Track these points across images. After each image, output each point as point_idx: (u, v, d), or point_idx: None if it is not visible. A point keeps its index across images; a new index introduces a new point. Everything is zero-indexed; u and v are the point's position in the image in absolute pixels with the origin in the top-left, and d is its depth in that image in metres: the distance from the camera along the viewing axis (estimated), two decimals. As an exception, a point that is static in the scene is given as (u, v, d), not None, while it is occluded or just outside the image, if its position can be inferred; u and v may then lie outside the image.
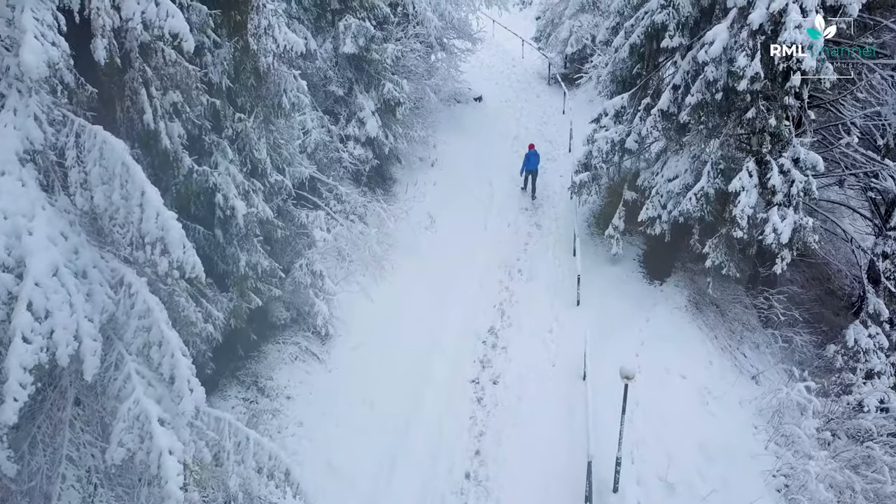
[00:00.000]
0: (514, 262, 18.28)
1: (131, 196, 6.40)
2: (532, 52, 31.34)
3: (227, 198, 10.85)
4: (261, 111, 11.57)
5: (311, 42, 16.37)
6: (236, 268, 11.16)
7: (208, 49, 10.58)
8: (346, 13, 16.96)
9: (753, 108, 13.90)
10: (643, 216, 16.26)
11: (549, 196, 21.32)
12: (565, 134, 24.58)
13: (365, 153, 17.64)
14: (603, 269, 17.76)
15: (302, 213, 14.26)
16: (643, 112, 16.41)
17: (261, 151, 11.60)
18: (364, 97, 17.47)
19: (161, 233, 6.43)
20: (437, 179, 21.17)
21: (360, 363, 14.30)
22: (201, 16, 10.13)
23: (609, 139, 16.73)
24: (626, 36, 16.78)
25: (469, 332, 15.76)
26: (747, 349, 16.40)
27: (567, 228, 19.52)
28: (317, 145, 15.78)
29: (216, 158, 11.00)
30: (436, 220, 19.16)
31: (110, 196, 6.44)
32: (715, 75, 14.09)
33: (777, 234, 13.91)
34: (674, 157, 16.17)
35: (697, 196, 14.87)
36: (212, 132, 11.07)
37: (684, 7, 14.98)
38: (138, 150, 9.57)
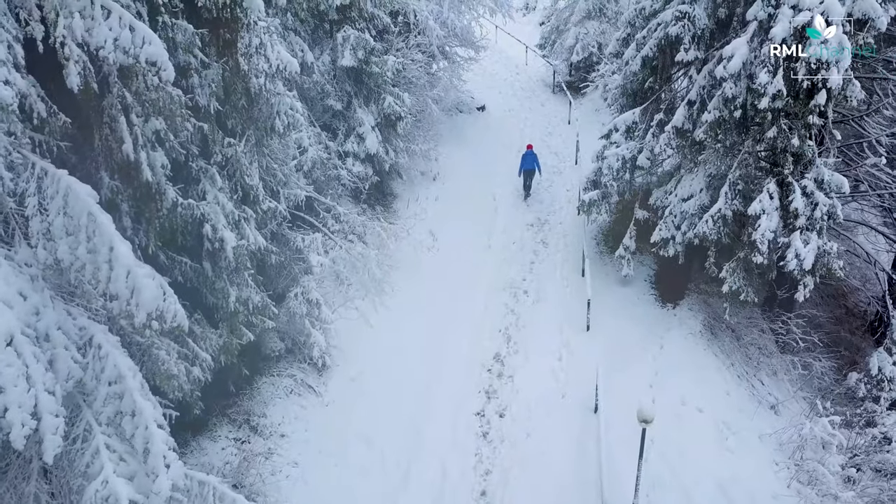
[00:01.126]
0: (520, 282, 17.52)
1: (98, 251, 5.66)
2: (536, 58, 30.59)
3: (215, 229, 10.11)
4: (253, 134, 10.82)
5: (307, 54, 15.65)
6: (225, 303, 10.41)
7: (195, 70, 9.83)
8: (344, 24, 16.21)
9: (775, 127, 13.14)
10: (656, 237, 15.50)
11: (555, 211, 20.56)
12: (571, 145, 23.83)
13: (364, 170, 16.89)
14: (613, 290, 17.00)
15: (297, 237, 13.51)
16: (656, 128, 15.66)
17: (252, 177, 10.85)
18: (363, 111, 16.72)
19: (132, 294, 5.67)
20: (440, 194, 20.41)
21: (359, 395, 13.56)
22: (187, 35, 9.38)
23: (620, 156, 15.98)
24: (637, 48, 16.01)
25: (473, 360, 15.03)
26: (765, 376, 15.65)
27: (575, 246, 18.78)
28: (314, 163, 15.03)
29: (204, 186, 10.25)
30: (438, 238, 18.42)
31: (76, 250, 5.68)
32: (734, 92, 13.33)
33: (800, 260, 13.15)
34: (688, 175, 15.41)
35: (714, 218, 14.11)
36: (199, 158, 10.32)
37: (700, 19, 14.22)
38: (117, 182, 8.84)
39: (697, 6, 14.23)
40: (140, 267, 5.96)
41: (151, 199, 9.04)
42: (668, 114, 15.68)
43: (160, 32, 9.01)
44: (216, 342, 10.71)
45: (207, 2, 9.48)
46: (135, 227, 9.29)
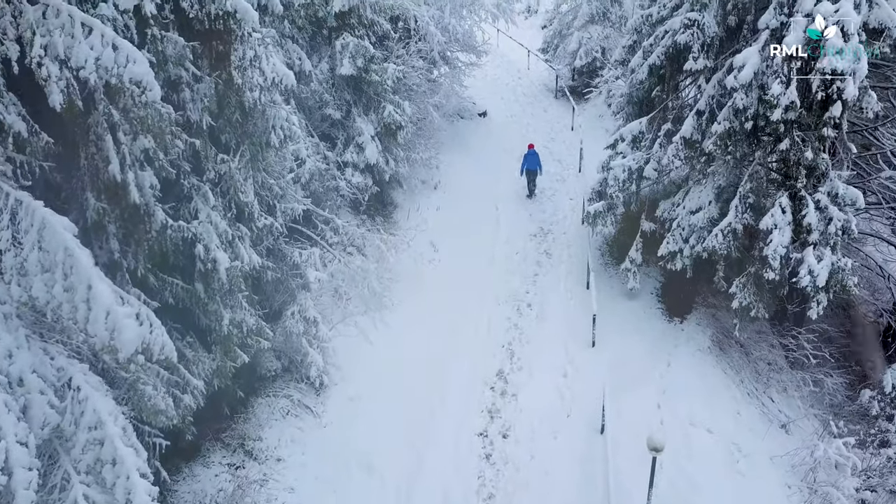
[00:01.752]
0: (524, 295, 17.10)
1: (76, 289, 5.25)
2: (538, 62, 30.15)
3: (208, 249, 9.70)
4: (247, 149, 10.40)
5: (305, 63, 15.24)
6: (219, 326, 9.99)
7: (186, 84, 9.42)
8: (343, 31, 15.79)
9: (787, 139, 12.73)
10: (663, 250, 15.08)
11: (558, 221, 20.13)
12: (574, 152, 23.39)
13: (364, 180, 16.47)
14: (619, 303, 16.58)
15: (295, 252, 13.09)
16: (663, 138, 15.23)
17: (247, 194, 10.44)
18: (363, 121, 16.30)
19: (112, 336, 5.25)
20: (441, 204, 19.99)
21: (358, 415, 13.15)
22: (177, 48, 8.97)
23: (626, 167, 15.55)
24: (644, 56, 15.58)
25: (476, 377, 14.60)
26: (775, 393, 15.24)
27: (579, 257, 18.35)
28: (312, 175, 14.61)
29: (196, 204, 9.84)
30: (439, 249, 18.00)
31: (52, 287, 5.27)
32: (745, 103, 12.91)
33: (813, 276, 12.75)
34: (696, 187, 14.99)
35: (724, 233, 13.70)
36: (192, 175, 9.91)
37: (710, 27, 13.80)
38: (104, 204, 8.43)
39: (707, 14, 13.82)
40: (121, 306, 5.55)
41: (140, 221, 8.64)
42: (675, 123, 15.27)
43: (149, 46, 8.61)
44: (209, 365, 10.30)
45: (199, 13, 9.09)
46: (123, 250, 8.88)
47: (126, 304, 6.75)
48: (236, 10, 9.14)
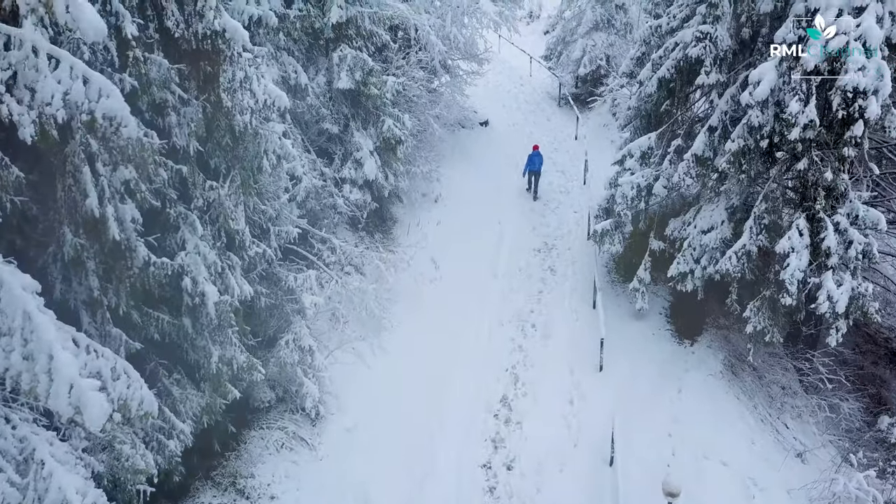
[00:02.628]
0: (528, 314, 16.52)
1: (36, 359, 4.69)
2: (541, 68, 29.57)
3: (196, 282, 9.12)
4: (238, 174, 9.82)
5: (301, 76, 14.66)
6: (207, 363, 9.41)
7: (172, 108, 8.84)
8: (341, 42, 15.21)
9: (805, 159, 12.17)
10: (673, 271, 14.52)
11: (563, 235, 19.56)
12: (579, 163, 22.83)
13: (363, 197, 15.89)
14: (626, 324, 16.00)
15: (290, 276, 12.50)
16: (673, 154, 14.68)
17: (238, 221, 9.86)
18: (361, 135, 15.71)
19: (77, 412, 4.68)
20: (442, 218, 19.40)
21: (355, 447, 12.56)
22: (162, 70, 8.39)
23: (635, 184, 14.98)
24: (653, 68, 15.03)
25: (479, 403, 14.03)
26: (789, 419, 14.66)
27: (584, 274, 17.78)
28: (308, 194, 14.04)
29: (183, 234, 9.26)
30: (440, 266, 17.42)
31: (10, 354, 4.70)
32: (760, 120, 12.35)
33: (832, 302, 12.18)
34: (708, 205, 14.41)
35: (739, 255, 13.14)
36: (178, 203, 9.33)
37: (723, 40, 13.23)
38: (82, 240, 7.85)
39: (720, 26, 13.25)
40: (86, 378, 4.97)
41: (121, 257, 8.07)
42: (686, 139, 14.72)
43: (131, 69, 8.02)
44: (198, 403, 9.73)
45: (186, 32, 8.53)
46: (103, 286, 8.31)
47: (101, 356, 6.19)
48: (225, 29, 8.58)
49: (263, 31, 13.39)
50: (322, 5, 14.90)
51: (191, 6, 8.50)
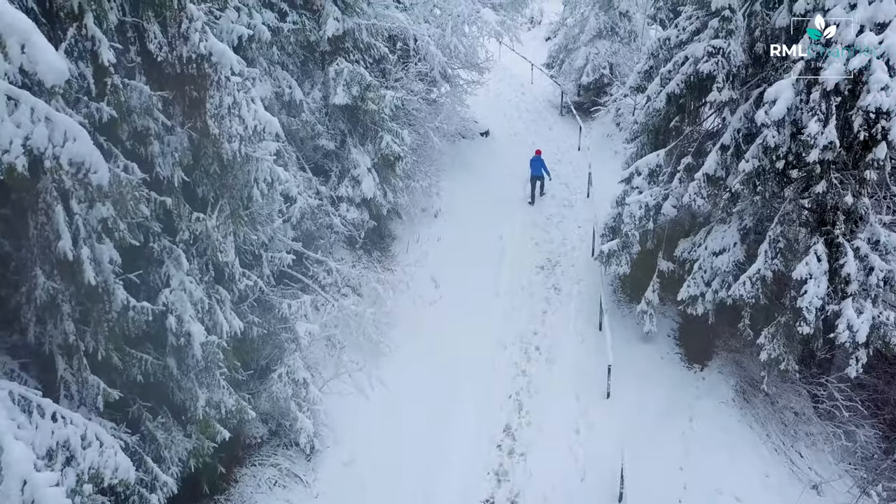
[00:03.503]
0: (532, 336, 15.94)
1: (-16, 451, 4.09)
2: (542, 76, 28.99)
3: (181, 321, 8.55)
4: (227, 203, 9.24)
5: (296, 91, 14.09)
6: (194, 407, 8.83)
7: (156, 136, 8.26)
8: (337, 55, 14.64)
9: (824, 182, 11.61)
10: (683, 294, 13.97)
11: (566, 252, 18.98)
12: (582, 175, 22.27)
13: (360, 215, 15.31)
14: (634, 348, 15.43)
15: (283, 304, 11.93)
16: (683, 173, 14.13)
17: (227, 253, 9.27)
18: (359, 152, 15.14)
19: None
20: (442, 234, 18.83)
21: (352, 483, 11.99)
22: (143, 97, 7.81)
23: (643, 203, 14.41)
24: (662, 83, 14.46)
25: (482, 433, 13.45)
26: (803, 447, 14.09)
27: (589, 293, 17.21)
28: (303, 214, 13.47)
29: (168, 270, 8.68)
30: (440, 285, 16.84)
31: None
32: (776, 140, 11.77)
33: (852, 332, 11.62)
34: (719, 226, 13.86)
35: (753, 280, 12.57)
36: (162, 236, 8.75)
37: (736, 56, 12.67)
38: (56, 283, 7.27)
39: (733, 41, 12.68)
40: (40, 472, 4.39)
41: (98, 300, 7.48)
42: (696, 157, 14.16)
43: (109, 97, 7.45)
44: (185, 447, 9.15)
45: (169, 56, 7.95)
46: (80, 330, 7.73)
47: (69, 423, 5.61)
48: (211, 52, 8.01)
49: (256, 46, 12.83)
50: (317, 18, 14.34)
51: (174, 28, 7.92)
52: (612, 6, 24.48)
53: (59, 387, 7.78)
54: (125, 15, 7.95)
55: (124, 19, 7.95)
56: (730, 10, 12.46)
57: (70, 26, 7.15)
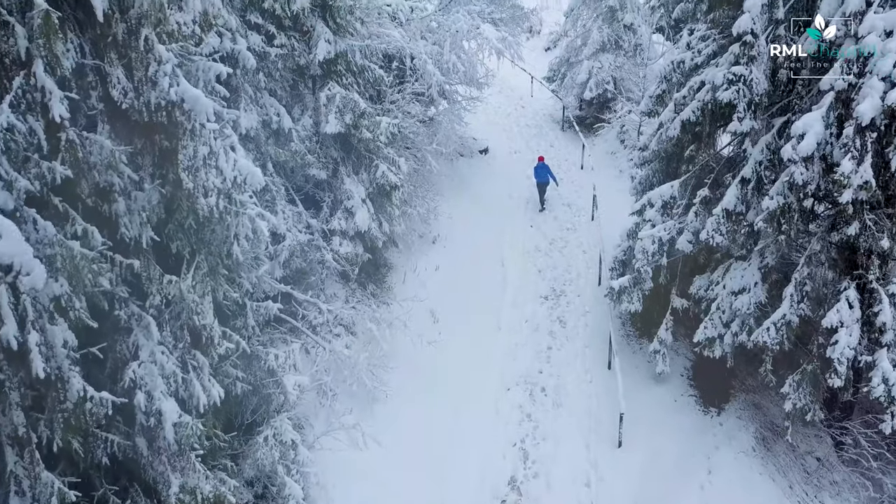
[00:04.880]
0: (537, 375, 15.01)
1: None
2: (542, 88, 28.06)
3: (151, 397, 7.59)
4: (204, 260, 8.27)
5: (284, 119, 13.13)
6: (167, 493, 7.86)
7: (121, 192, 7.29)
8: (329, 79, 13.68)
9: (857, 223, 10.69)
10: (700, 336, 13.08)
11: (571, 280, 18.06)
12: (586, 195, 21.35)
13: (354, 249, 14.35)
14: (646, 389, 14.52)
15: (270, 355, 10.98)
16: (700, 206, 13.20)
17: (205, 315, 8.30)
18: (352, 181, 14.18)
19: None
20: (441, 262, 17.89)
21: (346, 549, 11.05)
22: (104, 153, 6.84)
23: (656, 238, 13.50)
24: (676, 109, 13.54)
25: (485, 487, 12.53)
26: (828, 497, 13.17)
27: (597, 326, 16.30)
28: (292, 252, 12.54)
29: (137, 339, 7.72)
30: (440, 319, 15.89)
31: None
32: (804, 178, 10.86)
33: (888, 385, 10.73)
34: (739, 263, 12.96)
35: (778, 326, 11.66)
36: (130, 300, 7.78)
37: (759, 84, 11.73)
38: (2, 371, 6.29)
39: (755, 68, 11.73)
40: None
41: (51, 388, 6.51)
42: (713, 188, 13.25)
43: (64, 155, 6.48)
44: (158, 532, 8.18)
45: (136, 103, 6.99)
46: (32, 419, 6.75)
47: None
48: (183, 99, 7.06)
49: (241, 73, 11.88)
50: (307, 39, 13.40)
51: (141, 72, 6.97)
52: (616, 19, 23.56)
53: (10, 482, 6.82)
54: (84, 57, 6.98)
55: (84, 62, 6.98)
56: (752, 35, 11.51)
57: (16, 75, 6.19)
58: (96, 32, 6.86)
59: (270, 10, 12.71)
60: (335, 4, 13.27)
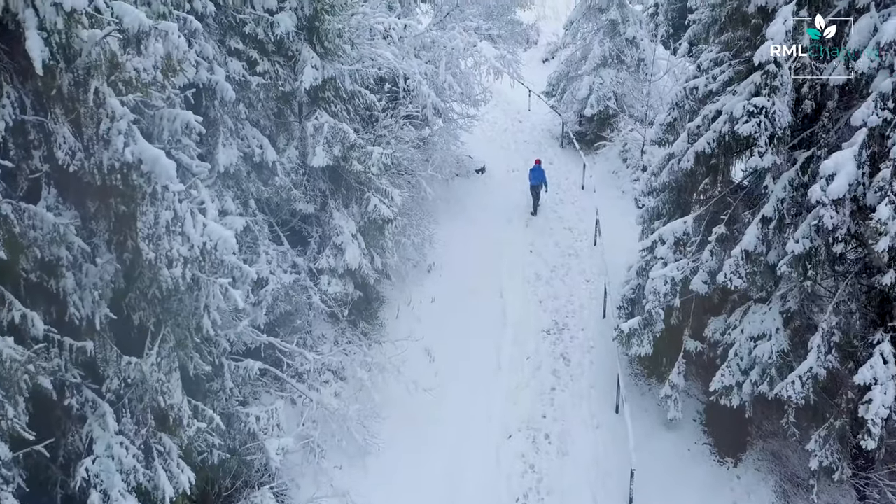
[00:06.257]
0: (539, 420, 14.06)
1: None
2: (541, 101, 27.14)
3: (107, 497, 6.58)
4: (171, 333, 7.29)
5: (268, 151, 12.14)
6: None
7: (70, 267, 6.30)
8: (317, 106, 12.70)
9: (892, 272, 9.78)
10: (716, 384, 12.16)
11: (574, 311, 17.12)
12: (587, 218, 20.43)
13: (344, 287, 13.36)
14: (656, 437, 13.59)
15: (251, 418, 10.00)
16: (715, 244, 12.28)
17: (172, 394, 7.33)
18: (342, 215, 13.20)
19: None
20: (436, 293, 16.93)
21: None
22: (45, 227, 5.85)
23: (668, 278, 12.57)
24: (689, 139, 12.65)
25: (485, 551, 11.57)
26: (852, 554, 12.33)
27: (602, 363, 15.37)
28: (276, 297, 11.55)
29: (91, 430, 6.74)
30: (436, 359, 14.91)
31: None
32: (834, 221, 9.94)
33: (926, 448, 9.82)
34: (758, 306, 12.05)
35: (804, 379, 10.74)
36: (84, 385, 6.79)
37: (782, 117, 10.81)
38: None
39: (778, 99, 10.81)
40: None
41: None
42: (730, 225, 12.34)
43: None
44: None
45: (87, 164, 5.99)
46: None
47: None
48: (141, 160, 6.07)
49: (219, 104, 10.90)
50: (293, 65, 12.41)
51: (91, 129, 5.99)
52: (617, 32, 22.62)
53: None
54: (25, 112, 5.99)
55: (24, 118, 5.99)
56: (775, 64, 10.60)
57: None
58: (38, 84, 5.84)
59: (252, 34, 11.72)
60: (323, 27, 12.30)
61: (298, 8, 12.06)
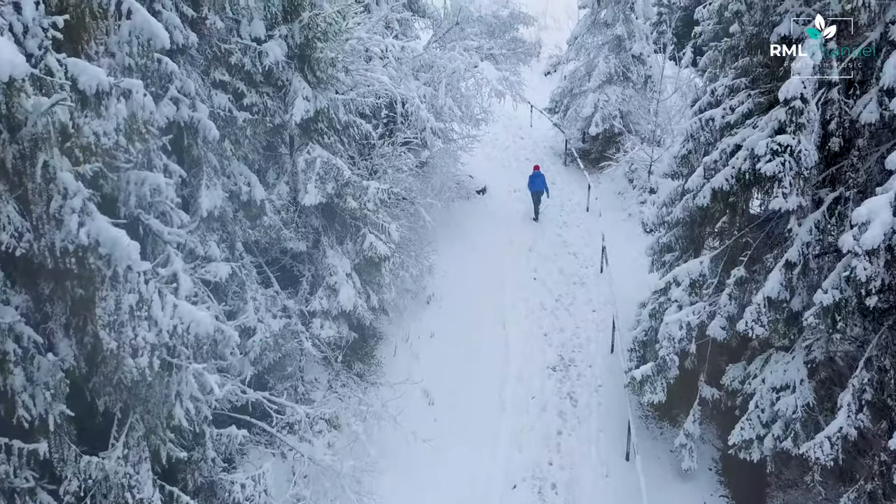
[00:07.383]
0: (546, 468, 13.28)
1: None
2: (542, 117, 26.36)
3: None
4: (140, 420, 6.49)
5: (256, 189, 11.33)
6: None
7: (18, 362, 5.50)
8: (308, 140, 11.91)
9: (932, 329, 9.02)
10: (736, 438, 11.38)
11: (581, 346, 16.34)
12: (593, 242, 19.67)
13: (338, 330, 12.56)
14: (671, 488, 12.83)
15: (236, 485, 9.19)
16: (734, 287, 11.51)
17: (141, 488, 6.53)
18: (335, 253, 12.42)
19: None
20: (435, 327, 16.15)
21: None
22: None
23: (683, 323, 11.80)
24: (705, 174, 11.88)
25: None
26: None
27: (611, 404, 14.59)
28: (264, 347, 10.76)
29: (46, 540, 5.91)
30: (435, 401, 14.04)
31: None
32: (868, 273, 9.15)
33: (968, 520, 9.05)
34: (780, 355, 11.28)
35: (833, 440, 9.95)
36: (38, 488, 5.99)
37: (808, 155, 10.03)
38: None
39: (804, 137, 10.03)
40: None
41: None
42: (750, 267, 11.56)
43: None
44: None
45: (36, 247, 5.21)
46: None
47: None
48: (98, 241, 5.27)
49: (202, 143, 10.11)
50: (283, 95, 11.62)
51: (41, 207, 5.19)
52: (623, 48, 21.85)
53: None
54: (-38, 188, 5.20)
55: (-38, 195, 5.20)
56: (801, 100, 9.83)
57: None
58: (-24, 158, 5.06)
59: (239, 64, 10.94)
60: (315, 55, 11.51)
61: (289, 36, 11.27)
